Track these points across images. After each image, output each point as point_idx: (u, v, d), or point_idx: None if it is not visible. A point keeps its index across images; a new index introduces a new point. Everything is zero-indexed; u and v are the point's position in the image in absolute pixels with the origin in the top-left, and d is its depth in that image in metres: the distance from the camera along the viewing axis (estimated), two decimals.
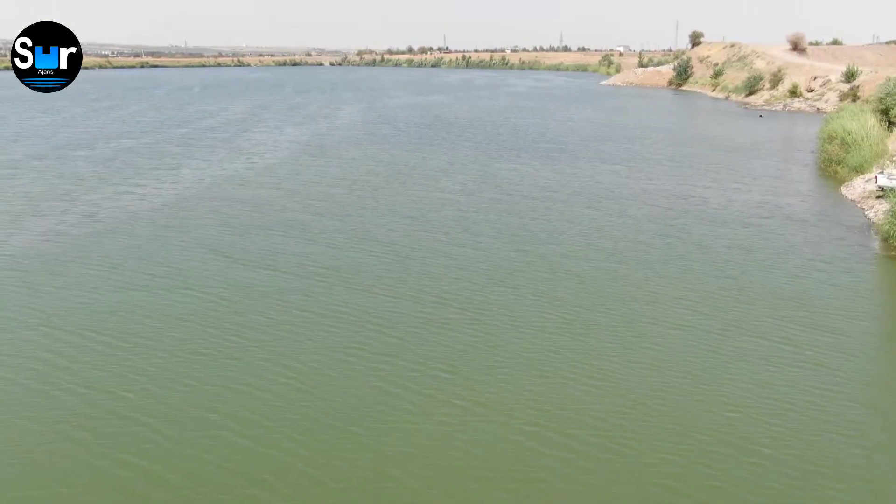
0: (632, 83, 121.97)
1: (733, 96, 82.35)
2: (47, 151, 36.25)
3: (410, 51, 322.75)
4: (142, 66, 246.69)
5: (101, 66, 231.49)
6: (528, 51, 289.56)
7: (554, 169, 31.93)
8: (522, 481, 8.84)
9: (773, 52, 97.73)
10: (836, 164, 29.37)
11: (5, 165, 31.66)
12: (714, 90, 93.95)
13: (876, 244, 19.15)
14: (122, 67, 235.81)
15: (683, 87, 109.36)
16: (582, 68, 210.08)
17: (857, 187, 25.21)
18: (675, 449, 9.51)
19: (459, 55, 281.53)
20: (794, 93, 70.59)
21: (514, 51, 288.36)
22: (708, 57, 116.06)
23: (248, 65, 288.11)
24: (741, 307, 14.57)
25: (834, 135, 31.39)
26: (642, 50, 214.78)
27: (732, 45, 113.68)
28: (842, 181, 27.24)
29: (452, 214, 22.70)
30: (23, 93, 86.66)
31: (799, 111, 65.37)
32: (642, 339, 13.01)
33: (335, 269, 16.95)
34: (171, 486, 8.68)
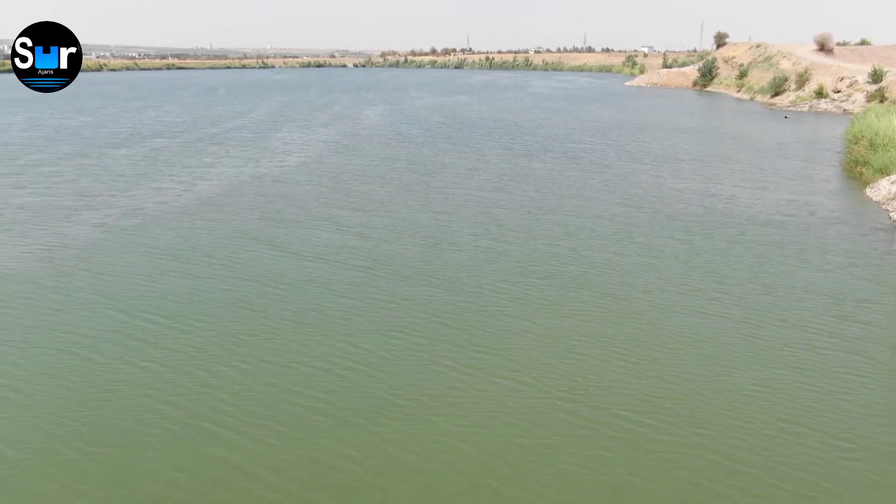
0: (656, 84, 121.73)
1: (758, 97, 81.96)
2: (89, 150, 37.52)
3: (434, 52, 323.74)
4: (168, 68, 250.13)
5: (128, 68, 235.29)
6: (551, 52, 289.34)
7: (581, 168, 32.51)
8: (560, 448, 9.55)
9: (799, 53, 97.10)
10: (861, 166, 29.43)
11: (53, 163, 32.92)
12: (739, 91, 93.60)
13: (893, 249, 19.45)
14: (148, 69, 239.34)
15: (708, 88, 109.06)
16: (606, 69, 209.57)
17: (881, 189, 25.26)
18: (707, 423, 10.20)
19: (482, 56, 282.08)
20: (820, 94, 70.28)
21: (537, 52, 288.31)
22: (733, 57, 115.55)
23: (273, 66, 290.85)
24: (769, 298, 15.17)
25: (860, 136, 31.57)
26: (667, 50, 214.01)
27: (758, 46, 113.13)
28: (867, 183, 27.35)
29: (484, 210, 23.42)
30: (52, 94, 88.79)
31: (825, 112, 65.09)
32: (675, 326, 13.68)
33: (377, 260, 17.82)
34: (246, 450, 9.54)
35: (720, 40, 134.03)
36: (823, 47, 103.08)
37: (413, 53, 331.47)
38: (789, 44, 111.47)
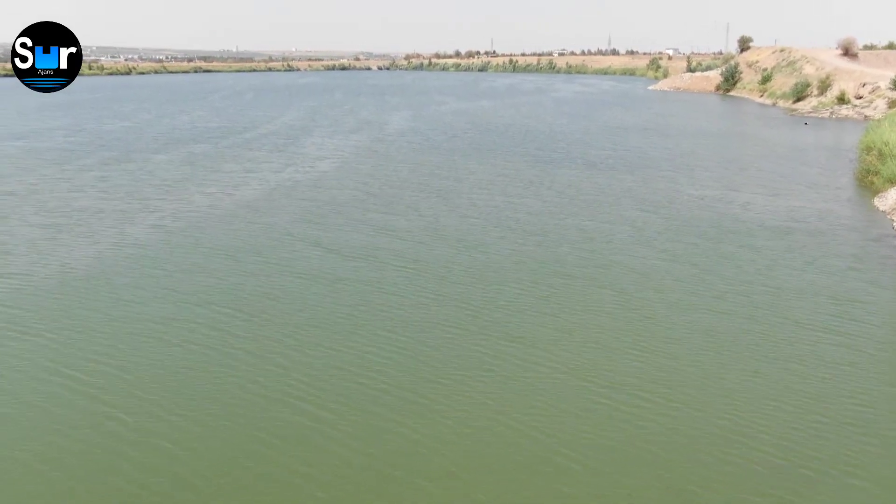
0: (679, 88, 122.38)
1: (781, 102, 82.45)
2: (133, 155, 39.70)
3: (458, 54, 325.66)
4: (195, 71, 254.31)
5: (156, 72, 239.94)
6: (575, 54, 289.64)
7: (603, 174, 33.98)
8: (576, 421, 11.15)
9: (822, 57, 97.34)
10: (872, 175, 30.19)
11: (101, 168, 35.09)
12: (762, 96, 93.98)
13: (894, 257, 20.43)
14: (176, 72, 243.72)
15: (731, 93, 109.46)
16: (629, 72, 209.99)
17: (889, 198, 25.90)
18: (704, 403, 11.74)
19: (506, 59, 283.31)
20: (841, 99, 70.82)
21: (561, 54, 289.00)
22: (757, 62, 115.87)
23: (298, 69, 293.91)
24: (771, 298, 16.65)
25: (872, 145, 32.54)
26: (692, 53, 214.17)
27: (782, 50, 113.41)
28: (877, 192, 28.11)
29: (510, 214, 25.03)
30: (81, 98, 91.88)
31: (846, 118, 65.59)
32: (682, 322, 15.23)
33: (413, 259, 19.58)
34: (319, 417, 11.26)
35: (744, 44, 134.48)
36: (847, 52, 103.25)
37: (437, 56, 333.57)
38: (813, 48, 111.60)
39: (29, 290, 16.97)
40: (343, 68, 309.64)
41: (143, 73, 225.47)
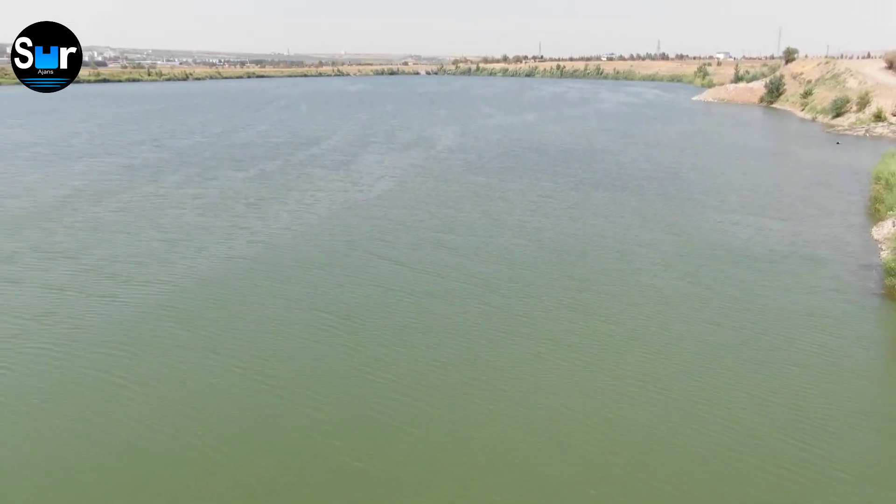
0: (723, 99, 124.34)
1: (820, 118, 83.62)
2: (214, 172, 44.98)
3: (505, 59, 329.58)
4: (248, 77, 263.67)
5: (211, 77, 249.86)
6: (623, 59, 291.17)
7: (637, 198, 37.85)
8: (595, 403, 15.27)
9: (866, 71, 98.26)
10: (879, 203, 32.67)
11: (191, 184, 40.35)
12: (803, 110, 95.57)
13: (872, 283, 23.55)
14: (230, 77, 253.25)
15: (774, 105, 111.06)
16: (677, 79, 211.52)
17: (884, 228, 28.17)
18: (693, 393, 15.80)
19: (553, 64, 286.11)
20: (878, 117, 72.14)
21: (609, 59, 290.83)
22: (801, 74, 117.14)
23: (348, 74, 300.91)
24: (758, 314, 20.57)
25: (881, 175, 35.49)
26: (742, 57, 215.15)
27: (827, 62, 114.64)
28: (880, 220, 31.02)
29: (550, 236, 29.19)
30: (149, 109, 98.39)
31: (881, 137, 66.75)
32: (683, 330, 19.26)
33: (468, 273, 23.93)
34: (416, 398, 15.62)
35: (789, 56, 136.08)
36: (892, 65, 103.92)
37: (485, 60, 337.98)
38: (861, 59, 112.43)
39: (170, 293, 21.82)
40: (392, 73, 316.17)
41: (199, 79, 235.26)
